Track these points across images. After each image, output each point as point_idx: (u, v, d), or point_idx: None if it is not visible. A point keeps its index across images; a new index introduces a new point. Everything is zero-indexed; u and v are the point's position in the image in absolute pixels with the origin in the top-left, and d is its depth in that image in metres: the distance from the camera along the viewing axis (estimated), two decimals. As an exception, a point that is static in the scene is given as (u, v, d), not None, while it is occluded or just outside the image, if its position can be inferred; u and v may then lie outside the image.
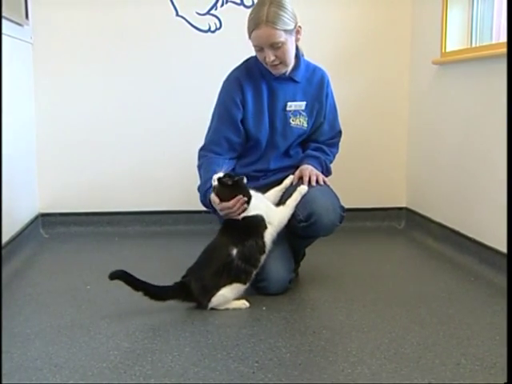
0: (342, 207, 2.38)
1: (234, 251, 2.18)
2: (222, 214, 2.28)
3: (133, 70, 3.41)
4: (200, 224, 3.40)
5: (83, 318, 2.12)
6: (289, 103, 2.48)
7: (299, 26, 2.39)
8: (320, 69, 2.56)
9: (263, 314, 2.16)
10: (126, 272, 2.11)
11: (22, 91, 3.22)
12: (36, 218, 3.36)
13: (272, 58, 2.33)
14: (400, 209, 3.61)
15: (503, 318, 2.07)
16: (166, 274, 2.55)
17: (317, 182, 2.39)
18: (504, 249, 2.48)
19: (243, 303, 2.22)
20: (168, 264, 2.80)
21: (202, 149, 2.50)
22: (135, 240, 3.35)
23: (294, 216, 2.34)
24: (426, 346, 1.88)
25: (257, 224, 2.24)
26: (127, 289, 2.39)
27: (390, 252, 3.14)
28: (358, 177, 3.55)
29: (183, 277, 2.21)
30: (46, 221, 3.43)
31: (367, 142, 3.55)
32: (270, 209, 2.30)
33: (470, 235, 2.84)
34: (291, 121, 2.49)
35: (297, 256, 2.55)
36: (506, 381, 1.60)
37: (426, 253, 3.06)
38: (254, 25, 2.29)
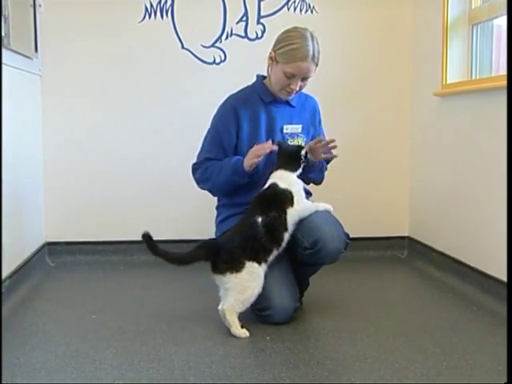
0: (346, 234, 2.42)
1: (259, 219, 2.29)
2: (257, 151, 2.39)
3: (140, 102, 3.45)
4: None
5: (89, 348, 2.13)
6: (285, 126, 2.59)
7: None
8: (311, 97, 2.71)
9: (267, 344, 2.17)
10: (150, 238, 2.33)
11: (30, 122, 3.26)
12: (42, 246, 3.38)
13: (298, 87, 2.48)
14: (402, 238, 3.62)
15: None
16: (172, 303, 2.58)
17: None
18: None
19: (244, 332, 2.23)
20: (173, 293, 2.82)
21: (196, 163, 2.60)
22: (140, 269, 3.35)
23: (299, 243, 2.37)
24: (429, 377, 1.88)
25: (284, 197, 2.34)
26: (132, 318, 2.42)
27: (393, 281, 3.15)
28: (360, 206, 3.57)
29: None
30: (52, 250, 3.44)
31: (370, 172, 3.58)
32: (301, 195, 2.39)
33: (473, 264, 2.85)
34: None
35: (301, 285, 2.56)
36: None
37: (429, 282, 3.06)
38: (302, 57, 2.41)
